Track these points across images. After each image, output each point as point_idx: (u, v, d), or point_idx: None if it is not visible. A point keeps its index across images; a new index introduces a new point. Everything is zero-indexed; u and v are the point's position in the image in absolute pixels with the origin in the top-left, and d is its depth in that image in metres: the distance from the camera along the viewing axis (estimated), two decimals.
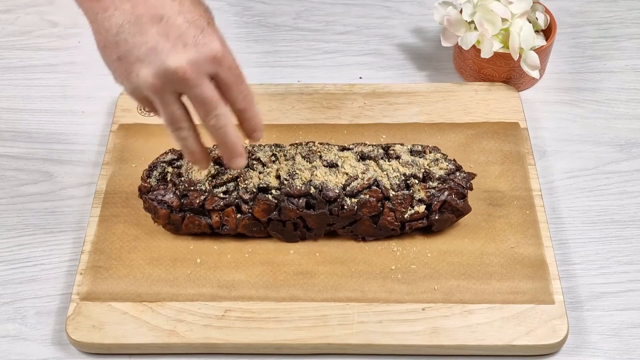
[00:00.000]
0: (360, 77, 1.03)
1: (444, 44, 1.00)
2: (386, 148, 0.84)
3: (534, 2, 0.98)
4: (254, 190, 0.80)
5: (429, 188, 0.81)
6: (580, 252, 0.85)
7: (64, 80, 1.03)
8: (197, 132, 0.71)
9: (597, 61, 1.05)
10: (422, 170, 0.82)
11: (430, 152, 0.84)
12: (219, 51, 0.66)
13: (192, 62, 0.65)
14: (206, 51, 0.65)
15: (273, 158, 0.82)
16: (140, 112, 0.95)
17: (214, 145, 0.85)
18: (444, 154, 0.84)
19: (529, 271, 0.80)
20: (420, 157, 0.83)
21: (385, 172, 0.81)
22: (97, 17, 0.66)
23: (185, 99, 0.69)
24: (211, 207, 0.80)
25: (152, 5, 0.65)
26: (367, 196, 0.80)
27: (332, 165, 0.81)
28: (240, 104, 0.70)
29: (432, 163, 0.83)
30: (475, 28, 0.96)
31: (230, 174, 0.81)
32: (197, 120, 0.71)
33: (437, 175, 0.82)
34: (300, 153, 0.82)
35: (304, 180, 0.80)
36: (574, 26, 1.10)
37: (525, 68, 0.95)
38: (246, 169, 0.82)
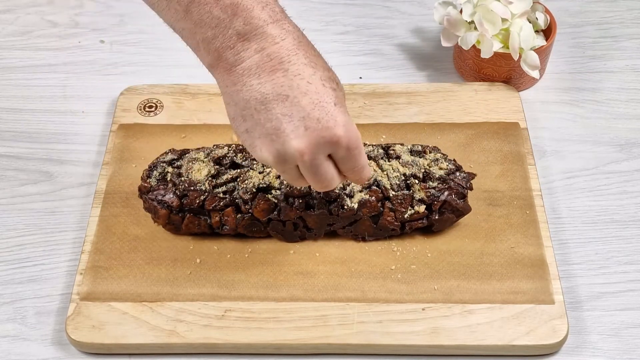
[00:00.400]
0: (360, 77, 1.03)
1: (444, 44, 1.00)
2: (386, 148, 0.84)
3: (534, 2, 0.98)
4: (254, 190, 0.80)
5: (429, 188, 0.81)
6: (580, 252, 0.85)
7: (64, 80, 1.03)
8: None
9: (597, 61, 1.05)
10: (422, 170, 0.82)
11: (430, 152, 0.84)
12: (340, 136, 0.65)
13: (311, 145, 0.65)
14: (327, 135, 0.65)
15: None
16: (140, 112, 0.95)
17: (213, 145, 0.85)
18: (444, 154, 0.84)
19: (529, 271, 0.80)
20: (420, 157, 0.83)
21: (385, 172, 0.81)
22: (226, 90, 0.66)
23: None
24: (211, 207, 0.80)
25: (279, 84, 0.64)
26: (367, 196, 0.80)
27: None
28: (351, 176, 0.70)
29: (432, 163, 0.83)
30: (475, 28, 0.96)
31: (230, 174, 0.81)
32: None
33: (437, 175, 0.82)
34: None
35: None
36: (574, 26, 1.10)
37: (525, 68, 0.95)
38: (246, 169, 0.82)
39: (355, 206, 0.80)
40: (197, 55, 0.68)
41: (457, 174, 0.83)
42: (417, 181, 0.81)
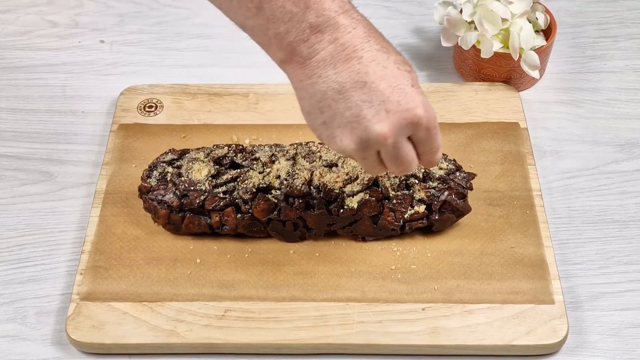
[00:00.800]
0: None
1: (444, 44, 1.00)
2: None
3: (534, 2, 0.98)
4: (254, 190, 0.80)
5: (429, 188, 0.81)
6: (580, 252, 0.85)
7: (64, 80, 1.03)
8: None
9: (597, 61, 1.05)
10: (422, 170, 0.82)
11: None
12: (421, 117, 0.66)
13: (394, 128, 0.65)
14: (408, 117, 0.65)
15: (273, 158, 0.82)
16: (140, 112, 0.95)
17: (213, 145, 0.85)
18: (444, 154, 0.84)
19: (529, 271, 0.80)
20: None
21: (385, 172, 0.81)
22: (301, 84, 0.67)
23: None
24: (211, 207, 0.80)
25: (355, 71, 0.65)
26: (367, 196, 0.80)
27: (332, 165, 0.81)
28: (427, 157, 0.71)
29: None
30: (475, 28, 0.96)
31: (230, 174, 0.81)
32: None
33: (437, 175, 0.82)
34: (300, 153, 0.82)
35: (304, 180, 0.80)
36: (574, 26, 1.10)
37: (525, 68, 0.95)
38: (246, 169, 0.82)
39: (355, 206, 0.80)
40: (267, 52, 0.68)
41: (457, 174, 0.83)
42: (417, 181, 0.81)
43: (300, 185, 0.79)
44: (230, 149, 0.84)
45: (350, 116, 0.65)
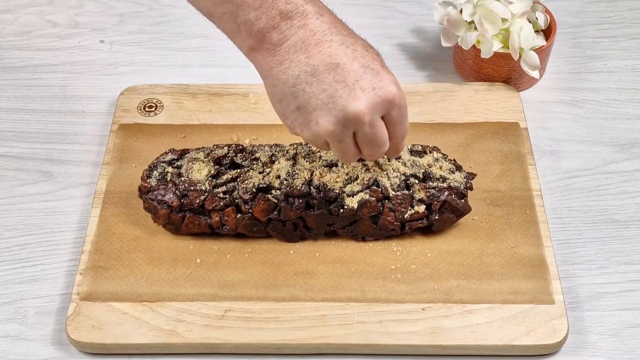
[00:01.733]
0: None
1: (444, 44, 1.00)
2: None
3: (534, 2, 0.98)
4: (254, 190, 0.80)
5: (429, 188, 0.81)
6: (580, 252, 0.85)
7: (64, 80, 1.03)
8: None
9: (597, 61, 1.05)
10: (422, 170, 0.82)
11: (430, 152, 0.84)
12: (395, 93, 0.67)
13: (370, 105, 0.66)
14: (383, 94, 0.67)
15: (273, 158, 0.82)
16: (140, 112, 0.95)
17: (213, 145, 0.85)
18: (444, 154, 0.84)
19: (529, 271, 0.80)
20: (420, 157, 0.83)
21: (385, 172, 0.81)
22: (272, 72, 0.68)
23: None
24: (211, 207, 0.80)
25: (327, 54, 0.66)
26: (367, 196, 0.80)
27: (332, 165, 0.81)
28: (397, 139, 0.72)
29: (432, 163, 0.83)
30: (475, 28, 0.96)
31: (230, 174, 0.81)
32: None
33: (437, 175, 0.82)
34: (300, 153, 0.82)
35: (304, 180, 0.80)
36: (574, 26, 1.10)
37: (525, 68, 0.95)
38: (246, 169, 0.82)
39: (355, 206, 0.80)
40: (235, 41, 0.69)
41: (457, 173, 0.83)
42: (417, 181, 0.81)
43: (300, 185, 0.79)
44: (230, 149, 0.84)
45: (325, 97, 0.66)
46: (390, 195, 0.80)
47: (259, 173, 0.81)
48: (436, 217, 0.82)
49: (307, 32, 0.66)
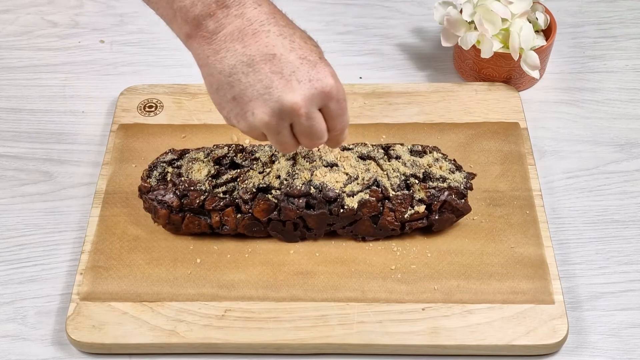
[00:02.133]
0: (360, 77, 1.03)
1: (444, 44, 1.00)
2: (386, 148, 0.84)
3: (534, 2, 0.98)
4: (254, 190, 0.80)
5: (429, 188, 0.81)
6: (580, 252, 0.85)
7: (64, 80, 1.03)
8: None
9: (597, 61, 1.05)
10: (422, 170, 0.82)
11: (430, 152, 0.84)
12: (332, 86, 0.67)
13: (306, 97, 0.66)
14: (319, 86, 0.66)
15: (273, 158, 0.82)
16: (140, 112, 0.95)
17: (213, 145, 0.85)
18: (444, 154, 0.84)
19: (529, 271, 0.80)
20: (420, 157, 0.83)
21: (385, 172, 0.81)
22: (208, 60, 0.67)
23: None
24: (211, 207, 0.80)
25: (264, 44, 0.66)
26: (367, 196, 0.80)
27: (332, 165, 0.81)
28: (337, 131, 0.72)
29: (432, 163, 0.83)
30: (475, 28, 0.96)
31: (230, 174, 0.81)
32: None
33: (437, 175, 0.82)
34: (300, 153, 0.82)
35: (304, 180, 0.80)
36: (574, 26, 1.10)
37: (525, 68, 0.95)
38: (246, 169, 0.82)
39: (355, 206, 0.80)
40: (172, 28, 0.69)
41: (457, 173, 0.83)
42: (417, 181, 0.81)
43: (300, 185, 0.79)
44: (230, 149, 0.84)
45: (262, 88, 0.66)
46: (390, 195, 0.80)
47: (259, 173, 0.81)
48: (436, 217, 0.82)
49: (244, 21, 0.66)
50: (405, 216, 0.81)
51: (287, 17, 0.69)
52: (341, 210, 0.80)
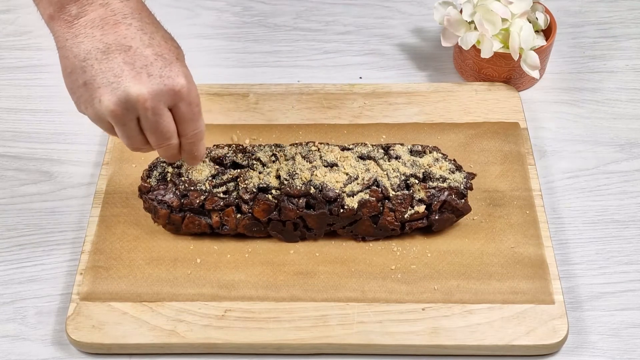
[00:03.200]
0: (360, 77, 1.03)
1: (444, 44, 1.00)
2: (386, 148, 0.84)
3: (534, 2, 0.98)
4: (254, 190, 0.80)
5: (429, 188, 0.81)
6: (580, 252, 0.85)
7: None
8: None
9: (597, 61, 1.05)
10: (422, 170, 0.82)
11: (430, 152, 0.84)
12: (183, 85, 0.67)
13: (154, 92, 0.66)
14: (169, 83, 0.66)
15: (273, 158, 0.82)
16: None
17: (214, 145, 0.85)
18: (444, 154, 0.84)
19: (529, 271, 0.80)
20: (420, 157, 0.83)
21: (385, 172, 0.81)
22: (66, 43, 0.67)
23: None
24: (211, 207, 0.80)
25: (122, 36, 0.66)
26: (367, 196, 0.80)
27: (332, 165, 0.81)
28: (190, 139, 0.71)
29: (432, 163, 0.83)
30: (475, 28, 0.96)
31: (230, 174, 0.81)
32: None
33: (437, 175, 0.82)
34: (300, 153, 0.82)
35: (304, 180, 0.80)
36: (574, 26, 1.10)
37: (525, 68, 0.95)
38: (246, 169, 0.82)
39: (355, 206, 0.80)
40: (37, 7, 0.69)
41: (457, 174, 0.83)
42: (417, 181, 0.81)
43: (300, 185, 0.80)
44: (230, 149, 0.84)
45: (111, 76, 0.66)
46: (390, 195, 0.80)
47: (259, 173, 0.81)
48: (436, 217, 0.82)
49: (108, 11, 0.66)
50: (405, 216, 0.81)
51: (154, 17, 0.70)
52: (341, 210, 0.80)
